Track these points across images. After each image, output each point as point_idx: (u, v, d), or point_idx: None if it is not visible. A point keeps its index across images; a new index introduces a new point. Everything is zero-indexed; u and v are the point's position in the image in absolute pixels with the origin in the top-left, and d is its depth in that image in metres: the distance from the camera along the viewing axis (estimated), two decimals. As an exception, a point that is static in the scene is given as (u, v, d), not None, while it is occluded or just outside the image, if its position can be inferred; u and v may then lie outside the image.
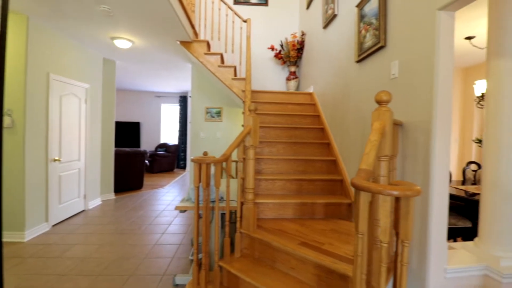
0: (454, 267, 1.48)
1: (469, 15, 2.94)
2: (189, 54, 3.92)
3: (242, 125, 4.48)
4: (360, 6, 2.42)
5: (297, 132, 3.23)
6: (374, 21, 2.16)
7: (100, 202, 4.59)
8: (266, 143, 3.00)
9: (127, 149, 5.51)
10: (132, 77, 6.66)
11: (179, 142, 8.62)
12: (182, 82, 7.12)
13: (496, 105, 1.62)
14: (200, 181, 1.82)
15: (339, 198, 2.45)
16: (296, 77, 4.79)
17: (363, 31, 2.35)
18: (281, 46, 4.92)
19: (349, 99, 2.65)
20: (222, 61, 3.99)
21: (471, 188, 3.00)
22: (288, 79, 4.84)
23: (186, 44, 3.82)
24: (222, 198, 2.26)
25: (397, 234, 1.14)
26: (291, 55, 4.71)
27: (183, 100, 8.61)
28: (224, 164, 1.92)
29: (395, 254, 1.22)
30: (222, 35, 4.80)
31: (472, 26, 3.19)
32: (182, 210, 2.17)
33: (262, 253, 1.95)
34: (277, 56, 4.86)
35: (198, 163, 1.81)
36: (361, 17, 2.40)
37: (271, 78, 5.07)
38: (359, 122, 2.40)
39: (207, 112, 4.76)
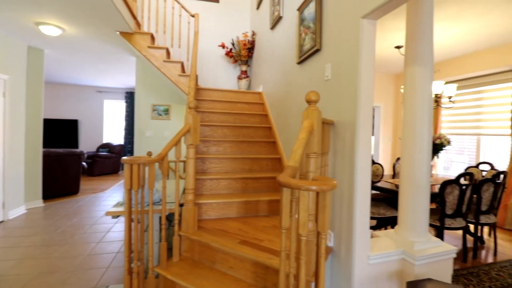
0: (376, 253, 1.62)
1: (398, 26, 3.28)
2: (132, 47, 3.65)
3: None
4: (300, 9, 2.51)
5: (244, 131, 3.24)
6: (311, 25, 2.26)
7: (24, 211, 4.00)
8: (213, 142, 2.94)
9: (60, 150, 4.91)
10: (67, 69, 5.96)
11: (125, 142, 8.00)
12: (128, 77, 6.62)
13: (411, 107, 1.81)
14: (131, 184, 1.68)
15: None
16: (248, 77, 4.81)
17: (302, 34, 2.45)
18: (233, 44, 4.90)
19: (291, 99, 2.73)
20: (168, 56, 3.80)
21: (399, 181, 3.35)
22: (239, 78, 4.84)
23: (127, 35, 3.54)
24: (161, 200, 2.14)
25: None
26: (242, 54, 4.72)
27: (129, 97, 8.02)
28: (166, 164, 1.81)
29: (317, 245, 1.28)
30: (169, 29, 4.58)
31: (401, 36, 3.57)
32: (115, 216, 2.00)
33: (201, 254, 1.90)
34: (228, 54, 4.82)
35: (129, 164, 1.68)
36: (301, 20, 2.49)
37: (223, 76, 5.01)
38: (300, 121, 2.49)
39: (154, 110, 4.49)
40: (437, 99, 3.21)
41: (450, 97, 3.29)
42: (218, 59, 5.00)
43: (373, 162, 3.87)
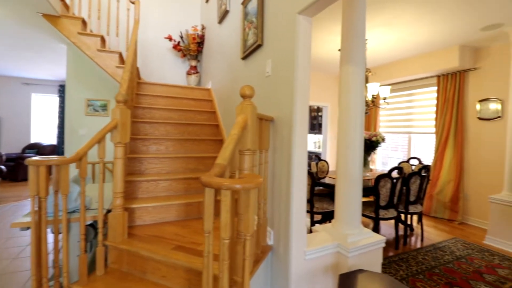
0: (312, 249, 1.63)
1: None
2: (59, 32, 3.18)
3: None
4: (244, 3, 2.44)
5: (190, 128, 3.07)
6: (254, 19, 2.21)
7: None
8: (153, 140, 2.71)
9: (-33, 151, 4.08)
10: (-21, 56, 5.02)
11: (58, 142, 7.07)
12: (61, 68, 5.85)
13: (345, 106, 1.88)
14: (38, 189, 1.42)
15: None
16: (197, 72, 4.61)
17: (246, 29, 2.39)
18: (181, 37, 4.65)
19: (237, 95, 2.66)
20: (104, 45, 3.42)
21: None
22: (188, 73, 4.61)
23: (51, 18, 3.08)
24: (85, 207, 1.87)
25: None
26: (191, 48, 4.51)
27: (64, 90, 7.11)
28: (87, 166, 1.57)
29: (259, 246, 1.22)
30: (104, 15, 4.13)
31: (342, 39, 3.76)
32: (23, 228, 1.68)
33: (131, 265, 1.70)
34: (176, 48, 4.56)
35: (35, 165, 1.41)
36: (245, 14, 2.43)
37: (170, 70, 4.72)
38: (245, 118, 2.43)
39: (89, 105, 4.02)
40: (374, 100, 3.47)
41: (384, 98, 3.58)
42: (165, 53, 4.70)
43: (319, 159, 4.02)
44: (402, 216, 3.38)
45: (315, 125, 7.23)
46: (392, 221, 3.78)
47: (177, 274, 1.56)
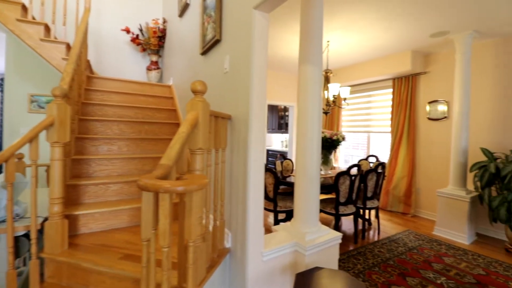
0: (269, 249, 1.60)
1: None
2: (-9, 18, 2.79)
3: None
4: (203, -4, 2.35)
5: (147, 127, 2.88)
6: (213, 13, 2.13)
7: None
8: (104, 140, 2.49)
9: None
10: None
11: None
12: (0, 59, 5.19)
13: (304, 105, 1.88)
14: None
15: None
16: (158, 68, 4.38)
17: (205, 23, 2.29)
18: (140, 31, 4.38)
19: (197, 92, 2.55)
20: (48, 34, 3.08)
21: None
22: (149, 69, 4.36)
23: (-19, 1, 2.69)
24: (17, 215, 1.65)
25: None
26: (152, 42, 4.27)
27: (3, 84, 6.33)
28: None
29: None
30: (49, 1, 3.74)
31: (305, 40, 3.82)
32: None
33: (71, 278, 1.53)
34: (135, 41, 4.28)
35: None
36: (204, 8, 2.34)
37: (129, 65, 4.43)
38: (205, 117, 2.34)
39: (33, 101, 3.60)
40: (335, 100, 3.58)
41: (345, 99, 3.71)
42: (123, 46, 4.39)
43: (285, 158, 4.05)
44: (361, 211, 3.53)
45: (282, 125, 7.32)
46: (352, 217, 3.93)
47: (123, 286, 1.42)
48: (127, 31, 4.24)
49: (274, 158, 6.51)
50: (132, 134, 2.79)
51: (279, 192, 3.36)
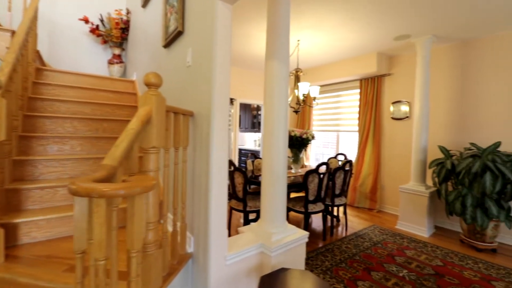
0: (234, 252, 1.53)
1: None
2: None
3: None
4: (166, -14, 2.21)
5: (106, 125, 2.67)
6: (175, 3, 2.01)
7: None
8: (54, 139, 2.25)
9: None
10: None
11: None
12: None
13: (270, 102, 1.83)
14: None
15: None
16: (122, 62, 4.11)
17: (168, 14, 2.16)
18: (101, 21, 4.07)
19: (160, 88, 2.40)
20: (-12, 19, 2.73)
21: None
22: (110, 62, 4.07)
23: None
24: None
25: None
26: (114, 34, 3.99)
27: None
28: None
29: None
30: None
31: (276, 38, 3.79)
32: None
33: (4, 297, 1.33)
34: (94, 32, 3.97)
35: None
36: (167, -2, 2.20)
37: (88, 58, 4.10)
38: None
39: (-29, 95, 3.18)
40: (305, 99, 3.60)
41: (314, 98, 3.75)
42: (81, 37, 4.05)
43: (256, 157, 4.01)
44: (330, 208, 3.59)
45: (255, 124, 7.29)
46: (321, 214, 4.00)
47: (67, 301, 1.27)
48: (86, 20, 3.92)
49: (245, 157, 6.47)
50: (88, 132, 2.56)
51: (250, 192, 3.30)
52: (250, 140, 7.96)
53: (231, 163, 2.86)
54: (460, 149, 3.55)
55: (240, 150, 6.31)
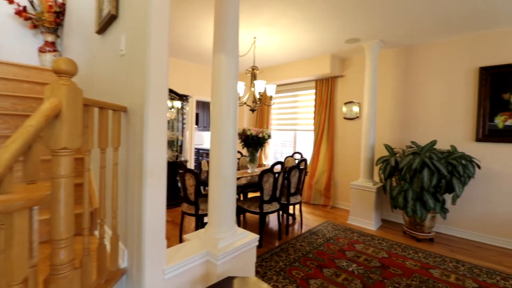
0: (174, 264, 1.38)
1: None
2: None
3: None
4: (100, -37, 1.94)
5: (29, 121, 2.27)
6: (110, -16, 1.76)
7: None
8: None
9: None
10: None
11: None
12: None
13: (218, 97, 1.71)
14: None
15: (81, 208, 1.88)
16: (56, 50, 3.60)
17: (102, -4, 1.90)
18: (31, 2, 3.51)
19: (95, 78, 2.12)
20: None
21: (237, 174, 3.45)
22: (42, 50, 3.54)
23: None
24: None
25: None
26: (46, 18, 3.47)
27: None
28: None
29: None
30: None
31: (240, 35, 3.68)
32: None
33: None
34: (21, 14, 3.41)
35: None
36: (102, -22, 1.93)
37: (11, 44, 3.51)
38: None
39: None
40: (261, 97, 3.55)
41: (271, 97, 3.72)
42: (4, 20, 3.45)
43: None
44: (286, 207, 3.60)
45: (214, 122, 7.08)
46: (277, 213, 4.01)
47: None
48: (11, 1, 3.34)
49: (200, 157, 6.23)
50: (5, 130, 2.16)
51: (204, 194, 3.14)
52: (209, 140, 7.72)
53: (181, 164, 2.67)
54: (403, 147, 3.83)
55: (198, 150, 6.06)
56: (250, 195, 4.36)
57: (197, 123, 6.30)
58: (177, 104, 4.39)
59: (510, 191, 3.04)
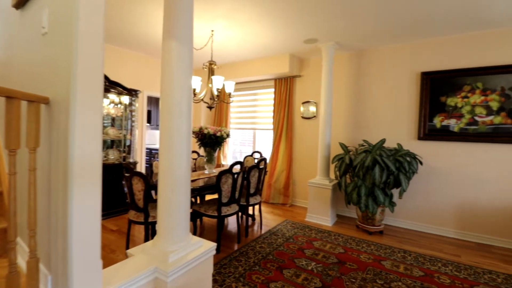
0: (113, 287, 1.15)
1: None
2: None
3: None
4: None
5: None
6: None
7: None
8: None
9: None
10: None
11: None
12: None
13: (168, 90, 1.51)
14: None
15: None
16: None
17: (19, -39, 1.53)
18: None
19: (13, 65, 1.73)
20: None
21: (194, 175, 3.20)
22: None
23: None
24: None
25: None
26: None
27: None
28: None
29: None
30: None
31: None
32: None
33: None
34: None
35: None
36: None
37: None
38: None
39: None
40: (219, 94, 3.38)
41: (230, 94, 3.57)
42: None
43: (165, 157, 3.54)
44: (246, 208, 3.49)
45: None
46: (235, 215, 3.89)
47: None
48: None
49: (153, 157, 5.79)
50: None
51: (155, 199, 2.85)
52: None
53: (128, 166, 2.36)
54: (356, 145, 4.02)
55: (150, 150, 5.60)
56: (208, 197, 4.14)
57: (149, 121, 5.84)
58: (125, 99, 3.96)
59: (446, 184, 3.38)
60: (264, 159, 3.44)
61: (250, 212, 3.81)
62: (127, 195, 2.49)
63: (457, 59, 3.31)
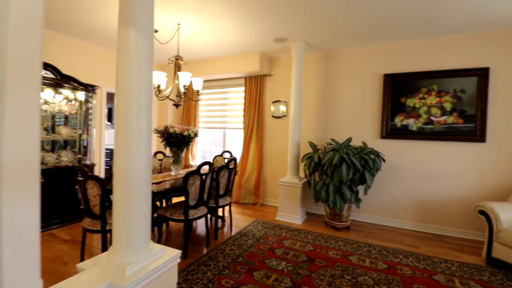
0: (55, 311, 1.00)
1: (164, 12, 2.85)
2: None
3: None
4: None
5: None
6: None
7: None
8: None
9: None
10: None
11: None
12: None
13: (125, 83, 1.36)
14: None
15: None
16: None
17: None
18: None
19: None
20: None
21: (159, 177, 3.00)
22: None
23: None
24: None
25: None
26: None
27: None
28: None
29: None
30: None
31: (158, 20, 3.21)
32: None
33: None
34: None
35: None
36: None
37: None
38: None
39: None
40: (186, 91, 3.22)
41: (198, 92, 3.43)
42: None
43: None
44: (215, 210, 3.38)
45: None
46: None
47: None
48: None
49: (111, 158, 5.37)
50: None
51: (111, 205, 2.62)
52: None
53: (81, 169, 2.13)
54: (324, 144, 4.10)
55: (110, 151, 5.18)
56: (175, 200, 3.94)
57: (110, 120, 5.43)
58: (81, 95, 3.60)
59: (405, 180, 3.59)
60: (234, 159, 3.36)
61: (220, 213, 3.70)
62: (80, 202, 2.25)
63: (416, 63, 3.53)
